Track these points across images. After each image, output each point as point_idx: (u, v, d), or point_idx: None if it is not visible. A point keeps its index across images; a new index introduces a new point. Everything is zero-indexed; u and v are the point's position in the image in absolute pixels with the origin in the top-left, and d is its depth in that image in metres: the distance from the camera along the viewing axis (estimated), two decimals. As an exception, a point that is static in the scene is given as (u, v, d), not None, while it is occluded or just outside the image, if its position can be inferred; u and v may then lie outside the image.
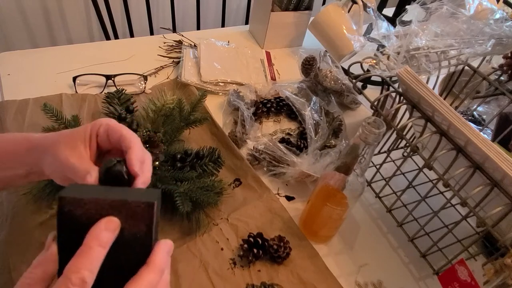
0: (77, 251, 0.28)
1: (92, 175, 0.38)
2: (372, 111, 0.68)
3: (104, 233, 0.29)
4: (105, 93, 0.77)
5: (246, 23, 1.38)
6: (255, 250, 0.58)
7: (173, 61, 0.95)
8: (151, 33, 1.37)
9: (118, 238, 0.30)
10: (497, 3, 0.87)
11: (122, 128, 0.42)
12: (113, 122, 0.42)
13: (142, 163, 0.40)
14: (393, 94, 0.66)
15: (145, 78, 0.86)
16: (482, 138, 0.48)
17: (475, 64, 0.73)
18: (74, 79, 0.81)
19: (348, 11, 0.95)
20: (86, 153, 0.41)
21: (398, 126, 0.59)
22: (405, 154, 0.81)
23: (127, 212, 0.31)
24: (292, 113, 0.84)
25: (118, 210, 0.31)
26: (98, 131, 0.42)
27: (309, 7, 1.04)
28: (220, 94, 0.89)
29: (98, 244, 0.29)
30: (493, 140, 0.72)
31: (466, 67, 0.72)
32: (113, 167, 0.38)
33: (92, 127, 0.42)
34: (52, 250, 0.30)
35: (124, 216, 0.31)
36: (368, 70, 0.69)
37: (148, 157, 0.42)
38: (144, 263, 0.31)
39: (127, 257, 0.31)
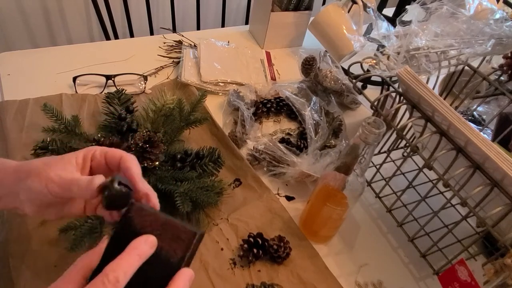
0: (119, 255, 0.33)
1: (96, 180, 0.39)
2: (372, 111, 0.68)
3: (143, 246, 0.34)
4: (105, 93, 0.77)
5: (246, 23, 1.38)
6: (255, 250, 0.58)
7: (173, 61, 0.95)
8: (151, 33, 1.37)
9: (154, 255, 0.35)
10: (497, 3, 0.87)
11: (120, 151, 0.44)
12: (108, 148, 0.44)
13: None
14: (393, 94, 0.66)
15: (145, 78, 0.86)
16: (482, 138, 0.48)
17: (475, 64, 0.73)
18: (74, 79, 0.81)
19: (348, 11, 0.95)
20: (79, 175, 0.41)
21: (398, 126, 0.59)
22: (405, 154, 0.81)
23: (173, 234, 0.36)
24: (292, 113, 0.84)
25: (166, 229, 0.36)
26: (93, 155, 0.43)
27: (309, 7, 1.04)
28: (220, 94, 0.89)
29: (136, 253, 0.33)
30: (493, 140, 0.72)
31: (466, 67, 0.72)
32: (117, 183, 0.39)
33: (85, 153, 0.43)
34: (101, 246, 0.35)
35: (169, 236, 0.36)
36: (368, 70, 0.69)
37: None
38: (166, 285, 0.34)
39: (156, 274, 0.35)
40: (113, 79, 0.82)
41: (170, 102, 0.72)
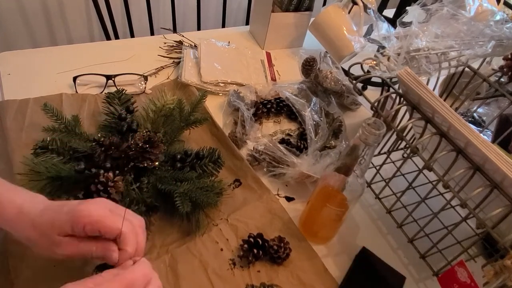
0: None
1: (114, 254, 0.42)
2: (372, 112, 0.68)
3: None
4: (105, 93, 0.77)
5: (247, 23, 1.38)
6: (255, 251, 0.58)
7: (174, 61, 0.95)
8: (152, 33, 1.37)
9: None
10: (498, 4, 0.87)
11: (112, 227, 0.42)
12: (105, 222, 0.42)
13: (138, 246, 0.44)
14: (393, 95, 0.66)
15: (145, 78, 0.86)
16: (482, 140, 0.48)
17: (475, 65, 0.73)
18: (75, 79, 0.80)
19: (349, 12, 0.95)
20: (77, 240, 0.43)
21: (398, 127, 0.59)
22: (405, 155, 0.81)
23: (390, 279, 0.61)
24: (292, 114, 0.84)
25: (386, 274, 0.61)
26: (84, 228, 0.41)
27: (309, 8, 1.04)
28: (220, 94, 0.89)
29: None
30: (493, 141, 0.72)
31: (466, 69, 0.72)
32: None
33: (73, 224, 0.41)
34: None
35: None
36: (368, 71, 0.69)
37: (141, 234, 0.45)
38: None
39: None
40: (113, 79, 0.82)
41: (170, 102, 0.71)
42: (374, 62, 0.69)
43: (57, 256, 0.43)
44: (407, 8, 0.72)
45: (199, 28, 1.48)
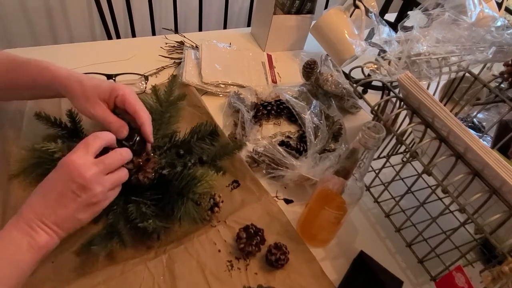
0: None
1: (124, 131, 0.56)
2: (372, 115, 0.68)
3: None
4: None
5: (248, 25, 1.39)
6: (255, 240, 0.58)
7: (175, 61, 0.95)
8: (153, 34, 1.38)
9: None
10: (499, 10, 0.87)
11: (136, 104, 0.56)
12: (130, 96, 0.56)
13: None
14: (394, 99, 0.66)
15: (146, 78, 0.86)
16: (482, 145, 0.48)
17: (475, 71, 0.73)
18: (75, 77, 0.80)
19: (350, 16, 0.95)
20: (107, 109, 0.57)
21: (398, 131, 0.59)
22: (405, 159, 0.81)
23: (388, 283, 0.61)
24: (292, 116, 0.84)
25: (384, 278, 0.61)
26: (116, 98, 0.56)
27: (311, 11, 1.05)
28: (221, 95, 0.89)
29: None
30: (493, 147, 0.72)
31: (467, 74, 0.72)
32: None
33: (111, 92, 0.56)
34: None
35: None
36: (369, 75, 0.69)
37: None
38: None
39: None
40: (114, 78, 0.82)
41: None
42: (375, 66, 0.69)
43: (87, 114, 0.57)
44: (408, 12, 0.72)
45: (200, 29, 1.48)
